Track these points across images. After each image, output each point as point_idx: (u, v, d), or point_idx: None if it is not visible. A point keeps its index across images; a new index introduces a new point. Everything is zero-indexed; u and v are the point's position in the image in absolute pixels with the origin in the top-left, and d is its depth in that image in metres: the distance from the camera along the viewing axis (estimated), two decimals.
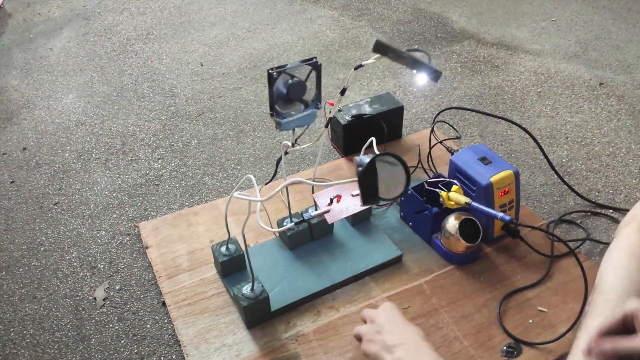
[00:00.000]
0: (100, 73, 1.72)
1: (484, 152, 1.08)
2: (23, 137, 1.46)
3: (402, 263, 1.07)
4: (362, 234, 1.11)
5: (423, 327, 0.95)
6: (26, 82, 1.68)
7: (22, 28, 1.98)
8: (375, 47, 0.74)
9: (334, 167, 1.29)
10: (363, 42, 1.85)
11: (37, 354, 0.96)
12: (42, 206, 1.25)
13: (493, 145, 1.39)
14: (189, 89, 1.63)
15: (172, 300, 1.01)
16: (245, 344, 0.94)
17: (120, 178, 1.32)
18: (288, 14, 2.03)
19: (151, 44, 1.86)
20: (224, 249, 1.01)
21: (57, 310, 1.03)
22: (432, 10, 2.04)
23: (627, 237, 0.82)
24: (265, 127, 1.47)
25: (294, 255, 1.07)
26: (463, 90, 1.60)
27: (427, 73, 0.76)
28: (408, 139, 1.38)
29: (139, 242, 1.15)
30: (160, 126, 1.49)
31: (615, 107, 1.52)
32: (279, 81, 0.84)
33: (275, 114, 0.87)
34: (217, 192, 1.27)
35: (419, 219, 1.10)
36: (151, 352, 0.96)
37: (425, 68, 0.75)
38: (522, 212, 1.15)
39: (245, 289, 0.94)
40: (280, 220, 1.09)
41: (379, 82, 1.64)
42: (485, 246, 1.09)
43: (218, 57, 1.78)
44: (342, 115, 1.29)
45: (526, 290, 1.01)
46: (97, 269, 1.10)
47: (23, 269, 1.11)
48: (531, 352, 0.92)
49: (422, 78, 0.78)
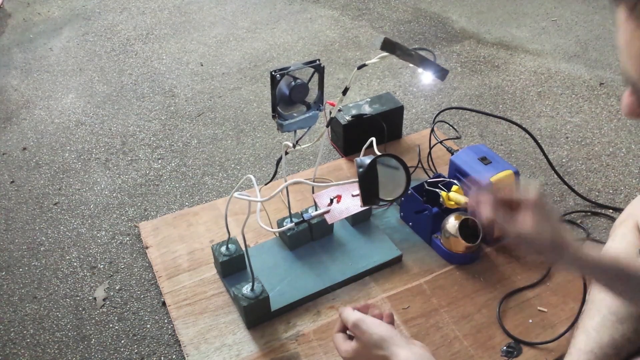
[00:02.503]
0: (100, 73, 1.72)
1: (484, 152, 1.08)
2: (23, 137, 1.46)
3: (402, 263, 1.07)
4: (362, 234, 1.11)
5: (423, 327, 0.96)
6: (26, 82, 1.68)
7: (22, 28, 1.98)
8: (384, 44, 0.74)
9: (334, 167, 1.29)
10: (363, 42, 1.85)
11: (37, 354, 0.96)
12: (42, 206, 1.25)
13: (493, 145, 1.39)
14: (189, 89, 1.63)
15: (172, 300, 1.01)
16: (245, 344, 0.94)
17: (120, 178, 1.32)
18: (288, 14, 2.03)
19: (151, 44, 1.86)
20: (224, 249, 1.01)
21: (57, 310, 1.03)
22: (432, 10, 2.04)
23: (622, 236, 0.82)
24: (265, 127, 1.47)
25: (294, 255, 1.07)
26: (463, 90, 1.59)
27: (434, 71, 0.76)
28: (408, 139, 1.38)
29: (139, 242, 1.15)
30: (160, 126, 1.49)
31: (615, 107, 1.52)
32: (281, 83, 0.84)
33: (278, 115, 0.87)
34: (217, 192, 1.27)
35: (419, 219, 1.10)
36: (151, 352, 0.96)
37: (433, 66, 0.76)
38: None
39: (245, 289, 0.94)
40: (280, 220, 1.09)
41: (379, 82, 1.64)
42: (485, 246, 1.09)
43: (218, 57, 1.78)
44: (342, 115, 1.29)
45: (526, 290, 1.02)
46: (97, 269, 1.10)
47: (23, 269, 1.11)
48: (531, 352, 0.92)
49: (428, 76, 0.79)
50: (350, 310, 0.80)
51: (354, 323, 0.76)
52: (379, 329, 0.75)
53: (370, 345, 0.74)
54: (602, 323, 0.76)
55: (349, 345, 0.77)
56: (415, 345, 0.74)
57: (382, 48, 0.75)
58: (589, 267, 0.65)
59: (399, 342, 0.73)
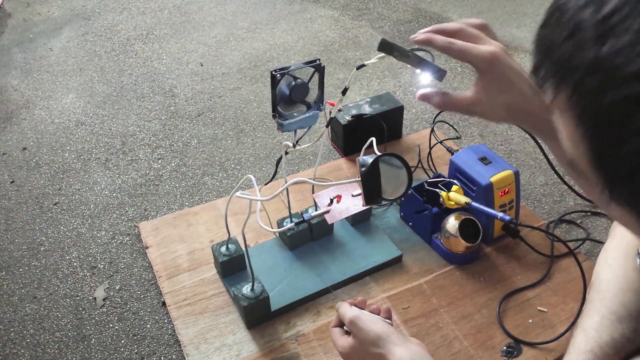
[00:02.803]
0: (100, 73, 1.72)
1: (484, 152, 1.08)
2: (23, 137, 1.46)
3: (402, 263, 1.07)
4: (362, 234, 1.11)
5: (423, 327, 0.96)
6: (26, 82, 1.68)
7: (22, 28, 1.98)
8: (381, 46, 0.74)
9: (334, 167, 1.29)
10: (363, 42, 1.85)
11: (37, 354, 0.96)
12: (42, 206, 1.25)
13: (493, 145, 1.39)
14: (189, 89, 1.63)
15: (172, 300, 1.01)
16: (245, 344, 0.94)
17: (120, 178, 1.32)
18: (288, 14, 2.03)
19: (151, 44, 1.86)
20: (224, 249, 1.01)
21: (57, 310, 1.03)
22: (432, 10, 2.04)
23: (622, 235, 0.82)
24: (265, 127, 1.47)
25: (294, 255, 1.07)
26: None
27: (432, 72, 0.76)
28: (408, 139, 1.38)
29: (139, 242, 1.15)
30: (160, 126, 1.49)
31: None
32: (282, 83, 0.84)
33: (278, 115, 0.87)
34: (217, 192, 1.27)
35: (419, 219, 1.10)
36: (151, 352, 0.96)
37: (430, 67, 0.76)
38: (522, 212, 1.15)
39: (245, 289, 0.94)
40: (280, 220, 1.09)
41: (379, 82, 1.64)
42: (485, 246, 1.09)
43: (218, 57, 1.78)
44: (342, 115, 1.29)
45: (526, 290, 1.02)
46: (97, 269, 1.10)
47: (23, 269, 1.11)
48: (531, 352, 0.92)
49: (426, 77, 0.79)
50: (347, 306, 0.80)
51: (351, 320, 0.76)
52: (376, 326, 0.75)
53: (366, 342, 0.74)
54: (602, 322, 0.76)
55: (346, 341, 0.77)
56: (412, 342, 0.74)
57: (380, 49, 0.75)
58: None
59: (395, 340, 0.73)
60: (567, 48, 0.37)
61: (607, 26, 0.35)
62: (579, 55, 0.36)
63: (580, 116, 0.37)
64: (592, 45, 0.35)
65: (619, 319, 0.75)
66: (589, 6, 0.36)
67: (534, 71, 0.42)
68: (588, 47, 0.36)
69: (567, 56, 0.37)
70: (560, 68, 0.38)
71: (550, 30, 0.40)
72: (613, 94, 0.34)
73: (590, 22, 0.36)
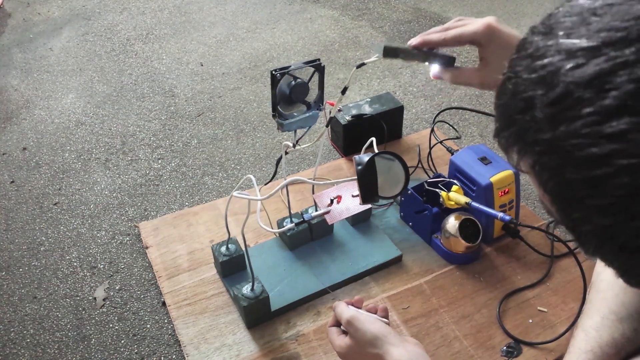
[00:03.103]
0: (100, 73, 1.72)
1: (484, 152, 1.08)
2: (23, 137, 1.46)
3: (402, 263, 1.07)
4: (362, 234, 1.11)
5: (423, 327, 0.96)
6: (26, 82, 1.68)
7: (22, 28, 1.98)
8: (385, 52, 0.75)
9: (334, 167, 1.29)
10: (363, 42, 1.85)
11: (37, 354, 0.96)
12: (42, 206, 1.25)
13: (493, 145, 1.39)
14: (189, 89, 1.63)
15: (172, 300, 1.01)
16: (245, 344, 0.94)
17: (120, 178, 1.32)
18: (288, 14, 2.03)
19: (151, 44, 1.86)
20: (224, 249, 1.01)
21: (57, 310, 1.03)
22: (432, 10, 2.04)
23: None
24: (265, 127, 1.47)
25: (294, 256, 1.07)
26: (463, 90, 1.59)
27: (441, 61, 0.76)
28: (408, 139, 1.38)
29: (139, 242, 1.15)
30: (160, 126, 1.49)
31: None
32: (282, 82, 0.84)
33: (278, 115, 0.87)
34: (217, 192, 1.27)
35: (419, 219, 1.10)
36: (151, 352, 0.96)
37: (438, 56, 0.76)
38: (522, 212, 1.15)
39: (245, 289, 0.94)
40: (280, 220, 1.09)
41: (379, 82, 1.64)
42: (485, 246, 1.09)
43: (218, 57, 1.78)
44: (342, 115, 1.29)
45: (526, 290, 1.02)
46: (97, 269, 1.10)
47: (23, 269, 1.11)
48: (531, 352, 0.92)
49: (435, 68, 0.79)
50: (344, 306, 0.80)
51: (348, 320, 0.76)
52: (373, 326, 0.75)
53: (363, 343, 0.74)
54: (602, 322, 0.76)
55: (343, 340, 0.77)
56: (409, 343, 0.74)
57: (385, 56, 0.75)
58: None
59: (392, 340, 0.73)
60: (524, 124, 0.38)
61: (559, 109, 0.35)
62: (536, 132, 0.37)
63: (544, 184, 0.39)
64: (546, 125, 0.36)
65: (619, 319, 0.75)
66: (539, 85, 0.37)
67: (497, 135, 0.42)
68: (542, 126, 0.36)
69: (524, 132, 0.38)
70: (520, 140, 0.39)
71: (505, 101, 0.40)
72: (572, 174, 0.35)
73: (542, 103, 0.36)
